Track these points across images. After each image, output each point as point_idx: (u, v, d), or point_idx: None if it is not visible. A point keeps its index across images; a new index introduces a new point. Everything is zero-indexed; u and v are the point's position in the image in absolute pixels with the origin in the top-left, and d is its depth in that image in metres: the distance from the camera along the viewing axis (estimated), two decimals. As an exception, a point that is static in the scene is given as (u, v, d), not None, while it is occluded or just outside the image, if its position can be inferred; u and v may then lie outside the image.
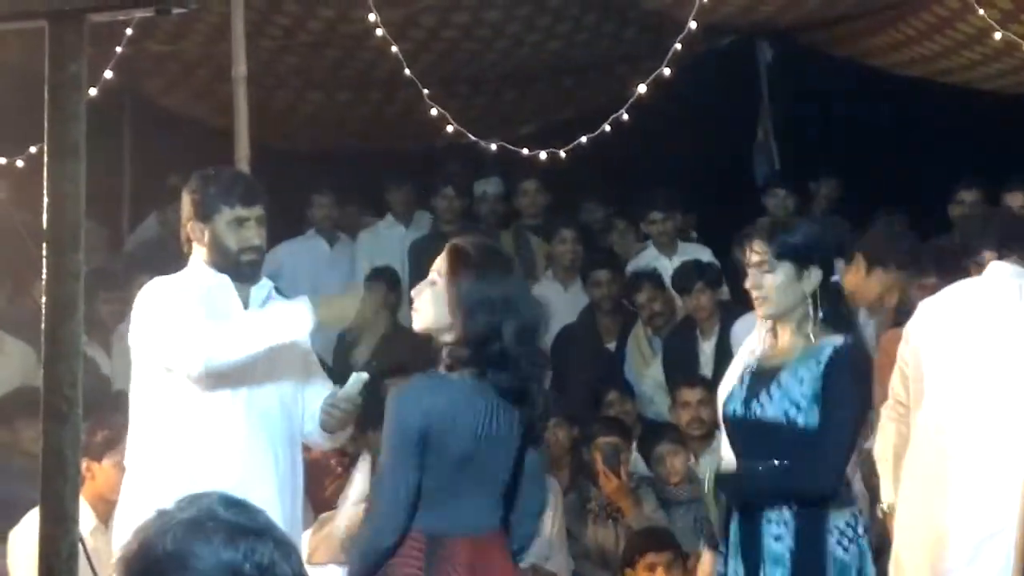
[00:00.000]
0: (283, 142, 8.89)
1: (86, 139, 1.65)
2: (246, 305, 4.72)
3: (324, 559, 5.40)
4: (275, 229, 8.56)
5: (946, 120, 8.58)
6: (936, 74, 7.07)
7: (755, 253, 4.55)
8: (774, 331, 4.60)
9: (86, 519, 5.04)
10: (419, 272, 8.53)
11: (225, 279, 4.66)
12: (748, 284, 4.57)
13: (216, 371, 4.48)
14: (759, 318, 4.67)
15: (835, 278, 4.63)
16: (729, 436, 4.66)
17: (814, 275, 4.52)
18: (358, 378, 4.65)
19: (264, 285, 4.77)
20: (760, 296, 4.51)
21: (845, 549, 4.47)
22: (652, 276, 8.00)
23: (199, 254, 4.70)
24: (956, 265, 7.40)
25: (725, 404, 4.59)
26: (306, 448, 6.18)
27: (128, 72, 8.07)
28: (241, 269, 4.67)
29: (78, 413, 1.61)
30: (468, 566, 4.04)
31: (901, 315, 7.35)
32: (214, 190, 4.66)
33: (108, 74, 6.46)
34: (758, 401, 4.43)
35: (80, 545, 1.65)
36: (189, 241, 4.72)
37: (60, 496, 1.59)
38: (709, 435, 6.87)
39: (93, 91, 6.26)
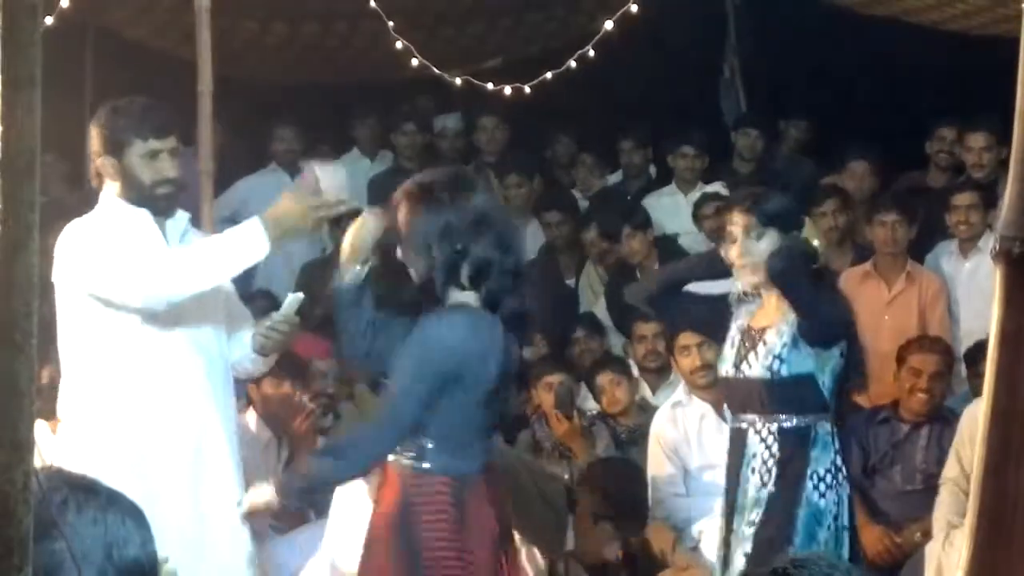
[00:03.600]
0: (247, 74, 8.83)
1: (47, 71, 1.63)
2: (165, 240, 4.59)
3: None
4: (239, 162, 8.62)
5: (911, 61, 8.59)
6: (901, 13, 7.07)
7: (737, 224, 4.76)
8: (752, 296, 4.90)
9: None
10: (379, 207, 8.53)
11: (144, 213, 4.53)
12: (735, 254, 4.77)
13: (179, 302, 4.38)
14: (745, 287, 4.85)
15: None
16: (724, 395, 5.02)
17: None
18: (295, 299, 4.62)
19: (181, 218, 4.64)
20: (749, 264, 4.76)
21: (822, 495, 4.64)
22: (603, 218, 8.01)
23: (111, 190, 4.55)
24: (917, 203, 7.44)
25: (718, 366, 4.97)
26: (272, 386, 6.17)
27: (90, 2, 7.99)
28: (157, 203, 4.52)
29: (33, 344, 1.60)
30: (491, 502, 4.13)
31: (858, 252, 7.41)
32: (124, 122, 4.51)
33: (64, 2, 6.38)
34: (747, 362, 4.77)
35: (34, 476, 1.66)
36: (99, 176, 4.56)
37: (15, 426, 1.59)
38: (665, 368, 6.92)
39: (49, 19, 6.20)
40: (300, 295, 4.65)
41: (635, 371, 7.03)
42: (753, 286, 4.82)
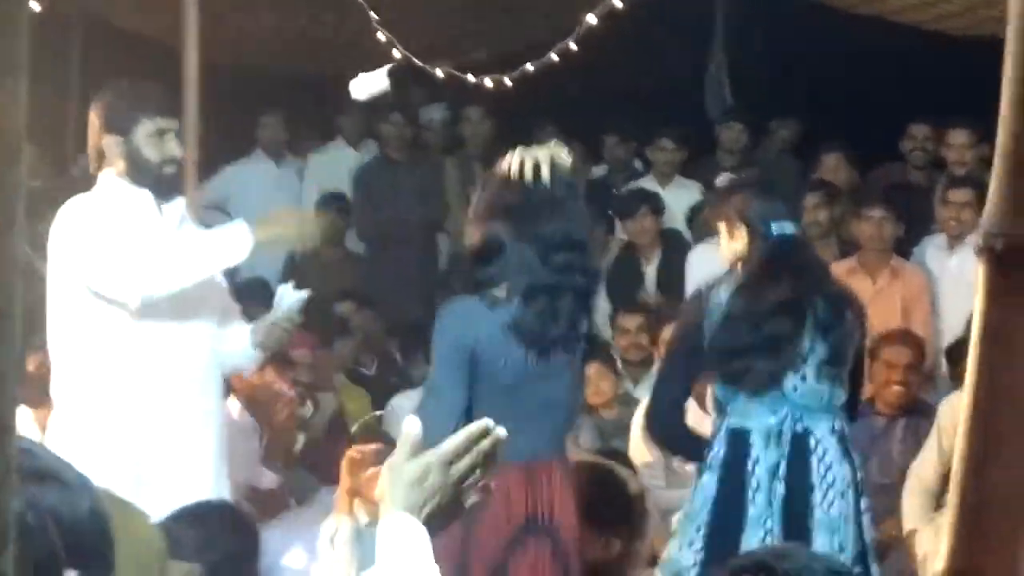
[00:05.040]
0: (235, 61, 8.82)
1: (33, 57, 1.64)
2: None
3: None
4: (225, 150, 8.61)
5: (896, 59, 8.62)
6: (888, 13, 7.10)
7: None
8: None
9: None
10: (364, 198, 8.58)
11: (146, 194, 4.55)
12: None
13: (155, 301, 4.40)
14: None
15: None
16: None
17: None
18: (300, 297, 4.64)
19: (179, 204, 4.66)
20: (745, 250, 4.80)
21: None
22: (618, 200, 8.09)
23: (112, 170, 4.56)
24: (902, 199, 7.46)
25: None
26: (255, 373, 6.17)
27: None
28: (161, 184, 4.55)
29: (17, 329, 1.61)
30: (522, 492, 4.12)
31: (845, 247, 7.42)
32: (133, 101, 4.55)
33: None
34: None
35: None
36: (99, 157, 4.57)
37: (-1, 411, 1.59)
38: (647, 361, 6.94)
39: (36, 6, 6.18)
40: (304, 293, 4.66)
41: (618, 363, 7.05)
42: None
